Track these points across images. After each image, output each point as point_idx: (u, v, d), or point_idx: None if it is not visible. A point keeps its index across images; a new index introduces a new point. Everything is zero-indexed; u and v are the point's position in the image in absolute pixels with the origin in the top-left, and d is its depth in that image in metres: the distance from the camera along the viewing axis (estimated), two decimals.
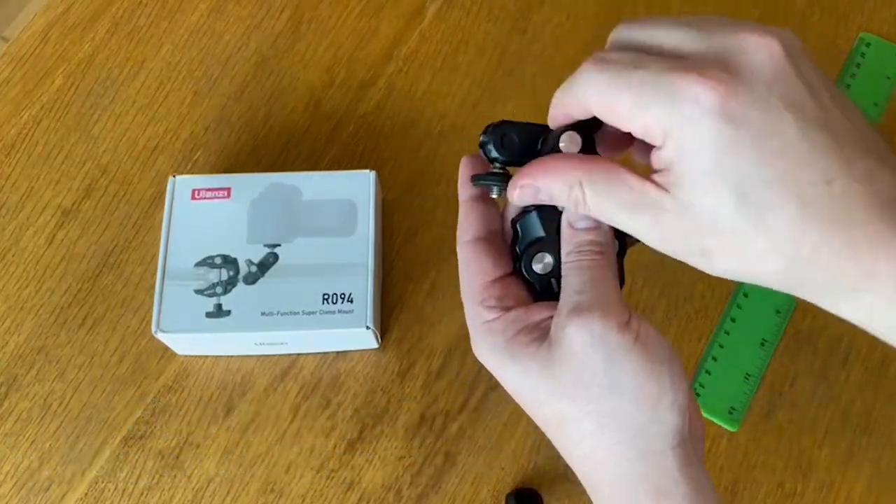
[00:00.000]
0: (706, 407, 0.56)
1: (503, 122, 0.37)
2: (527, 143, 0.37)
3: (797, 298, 0.32)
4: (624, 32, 0.34)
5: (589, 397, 0.33)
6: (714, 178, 0.30)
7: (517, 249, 0.38)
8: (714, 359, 0.57)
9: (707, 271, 0.32)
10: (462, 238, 0.38)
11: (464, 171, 0.38)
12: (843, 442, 0.55)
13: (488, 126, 0.37)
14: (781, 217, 0.29)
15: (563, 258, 0.36)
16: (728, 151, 0.29)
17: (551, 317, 0.35)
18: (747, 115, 0.29)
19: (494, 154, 0.37)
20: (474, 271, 0.37)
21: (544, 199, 0.35)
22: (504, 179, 0.37)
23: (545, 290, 0.37)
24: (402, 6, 0.69)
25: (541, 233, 0.37)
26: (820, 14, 0.68)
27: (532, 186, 0.35)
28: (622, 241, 0.37)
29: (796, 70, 0.30)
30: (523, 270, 0.37)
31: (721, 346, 0.57)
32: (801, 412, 0.56)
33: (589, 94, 0.32)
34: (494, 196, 0.38)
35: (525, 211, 0.37)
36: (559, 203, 0.35)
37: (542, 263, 0.37)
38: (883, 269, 0.29)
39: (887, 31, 0.67)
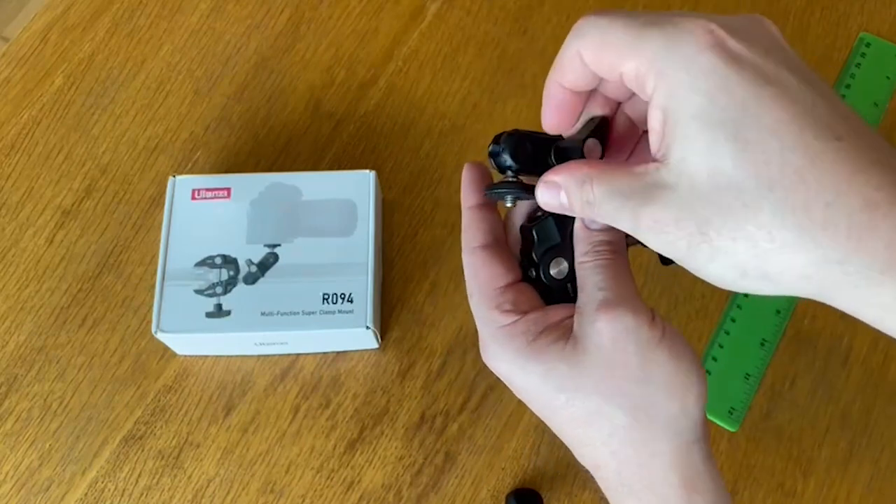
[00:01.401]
0: (706, 407, 0.56)
1: (515, 132, 0.37)
2: (538, 152, 0.37)
3: (797, 298, 0.32)
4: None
5: (621, 391, 0.33)
6: (708, 118, 0.27)
7: (533, 255, 0.38)
8: (714, 359, 0.57)
9: (704, 269, 0.30)
10: (469, 245, 0.37)
11: (467, 178, 0.38)
12: (843, 442, 0.55)
13: (499, 135, 0.37)
14: (786, 169, 0.26)
15: (579, 258, 0.36)
16: (724, 88, 0.27)
17: (570, 317, 0.35)
18: (745, 56, 0.28)
19: (509, 163, 0.36)
20: (486, 277, 0.36)
21: (564, 203, 0.34)
22: (519, 188, 0.36)
23: (560, 295, 0.37)
24: (402, 6, 0.69)
25: (557, 239, 0.37)
26: (820, 14, 0.68)
27: (553, 184, 0.34)
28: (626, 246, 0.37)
29: (790, 50, 0.30)
30: (541, 275, 0.37)
31: (721, 346, 0.57)
32: (801, 412, 0.56)
33: (588, 36, 0.31)
34: (508, 205, 0.38)
35: (541, 217, 0.37)
36: (574, 203, 0.33)
37: (558, 268, 0.37)
38: None
39: (887, 31, 0.67)
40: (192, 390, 0.57)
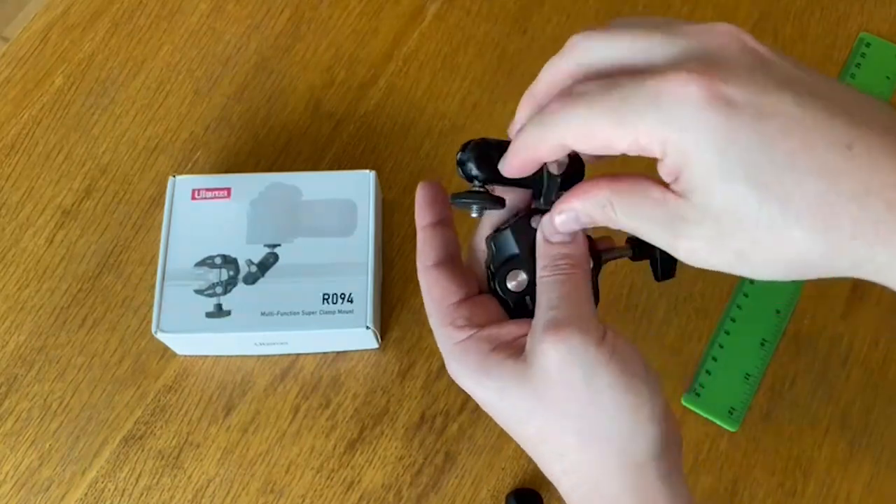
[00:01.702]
0: (706, 407, 0.56)
1: (482, 140, 0.36)
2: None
3: (797, 298, 0.32)
4: (583, 46, 0.33)
5: (569, 413, 0.33)
6: (724, 173, 0.28)
7: (491, 268, 0.37)
8: (714, 359, 0.57)
9: (752, 276, 0.30)
10: (423, 264, 0.37)
11: (421, 197, 0.38)
12: (843, 442, 0.55)
13: (466, 144, 0.37)
14: (808, 196, 0.27)
15: (539, 273, 0.35)
16: (731, 140, 0.28)
17: (526, 334, 0.35)
18: (740, 99, 0.28)
19: (475, 172, 0.36)
20: (439, 295, 0.37)
21: (585, 223, 0.34)
22: (485, 198, 0.36)
23: (519, 308, 0.37)
24: (402, 6, 0.69)
25: (515, 250, 0.37)
26: (820, 14, 0.68)
27: (572, 210, 0.34)
28: (597, 258, 0.37)
29: (769, 52, 0.30)
30: (497, 288, 0.37)
31: (721, 346, 0.57)
32: (801, 412, 0.56)
33: (567, 130, 0.31)
34: (474, 215, 0.37)
35: (499, 229, 0.37)
36: (598, 222, 0.34)
37: (516, 281, 0.37)
38: None
39: (887, 31, 0.67)
40: (192, 390, 0.57)
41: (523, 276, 0.36)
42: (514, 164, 0.34)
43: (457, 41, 0.68)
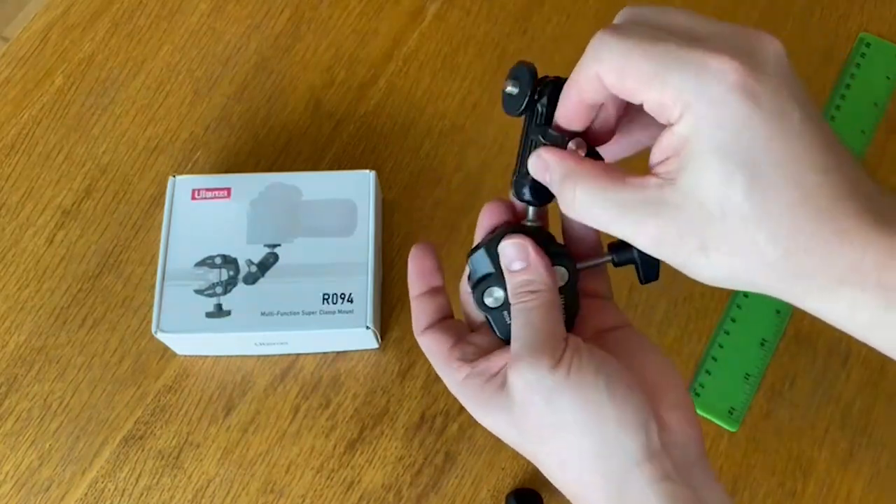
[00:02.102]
0: (706, 407, 0.56)
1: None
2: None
3: None
4: (634, 12, 0.34)
5: (542, 438, 0.35)
6: (728, 155, 0.30)
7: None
8: (714, 359, 0.57)
9: (697, 274, 0.32)
10: (418, 330, 0.40)
11: (412, 266, 0.41)
12: (843, 442, 0.55)
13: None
14: (782, 202, 0.30)
15: (510, 301, 0.37)
16: (746, 126, 0.29)
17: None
18: (764, 95, 0.30)
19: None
20: (437, 350, 0.39)
21: (547, 180, 0.35)
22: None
23: (501, 325, 0.38)
24: (402, 6, 0.69)
25: (490, 269, 0.38)
26: (820, 14, 0.68)
27: (542, 161, 0.35)
28: (572, 269, 0.38)
29: (793, 71, 0.31)
30: (477, 306, 0.38)
31: (721, 346, 0.57)
32: (801, 412, 0.56)
33: (607, 60, 0.32)
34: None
35: (475, 248, 0.39)
36: (555, 190, 0.35)
37: (492, 297, 0.38)
38: (869, 260, 0.30)
39: (887, 31, 0.67)
40: (192, 390, 0.57)
41: (499, 293, 0.38)
42: (566, 106, 0.35)
43: (457, 41, 0.68)
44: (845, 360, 0.57)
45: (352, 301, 0.54)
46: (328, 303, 0.54)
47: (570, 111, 0.36)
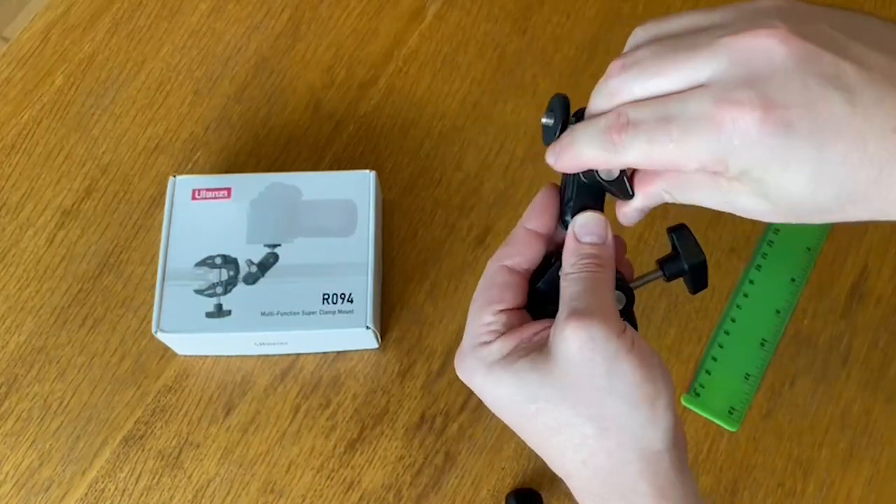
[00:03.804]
0: (706, 407, 0.56)
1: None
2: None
3: (797, 298, 0.33)
4: (642, 34, 0.35)
5: (589, 401, 0.33)
6: (784, 178, 0.30)
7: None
8: (714, 359, 0.57)
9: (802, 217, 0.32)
10: (503, 260, 0.38)
11: (541, 201, 0.38)
12: (843, 442, 0.55)
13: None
14: (860, 184, 0.30)
15: (565, 270, 0.36)
16: (790, 156, 0.30)
17: (545, 328, 0.36)
18: (795, 118, 0.29)
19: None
20: (495, 297, 0.37)
21: (647, 211, 0.37)
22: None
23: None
24: (402, 6, 0.69)
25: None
26: None
27: (635, 211, 0.37)
28: (629, 292, 0.38)
29: (813, 36, 0.30)
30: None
31: (721, 346, 0.57)
32: (801, 412, 0.56)
33: (634, 157, 0.33)
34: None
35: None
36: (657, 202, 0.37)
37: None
38: None
39: None
40: (192, 390, 0.57)
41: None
42: (568, 164, 0.36)
43: (457, 41, 0.68)
44: (845, 361, 0.57)
45: (352, 301, 0.54)
46: (328, 303, 0.54)
47: (569, 168, 0.36)
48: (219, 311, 0.54)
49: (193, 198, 0.57)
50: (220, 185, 0.58)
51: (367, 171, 0.58)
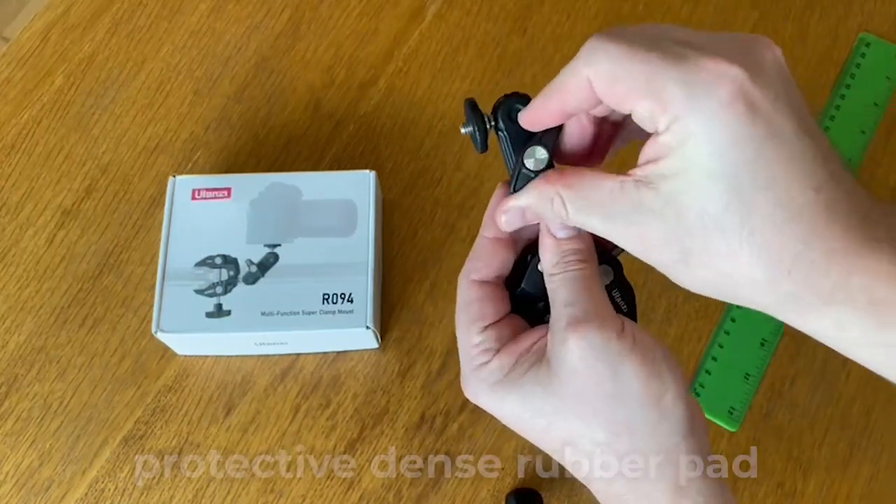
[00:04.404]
0: (706, 407, 0.56)
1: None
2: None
3: None
4: (629, 28, 0.33)
5: (597, 409, 0.33)
6: (713, 169, 0.29)
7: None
8: (714, 359, 0.57)
9: (681, 281, 0.31)
10: (471, 275, 0.37)
11: (494, 206, 0.37)
12: (843, 442, 0.55)
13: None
14: (768, 223, 0.29)
15: (549, 270, 0.35)
16: (736, 144, 0.29)
17: (542, 337, 0.35)
18: (761, 107, 0.29)
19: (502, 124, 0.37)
20: (475, 315, 0.36)
21: (531, 219, 0.35)
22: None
23: (532, 308, 0.37)
24: (402, 6, 0.69)
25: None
26: (820, 14, 0.68)
27: (516, 209, 0.35)
28: (616, 264, 0.37)
29: (789, 75, 0.31)
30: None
31: (721, 346, 0.57)
32: (801, 412, 0.56)
33: (599, 65, 0.30)
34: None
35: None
36: (547, 218, 0.35)
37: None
38: (856, 281, 0.29)
39: (887, 31, 0.67)
40: (192, 390, 0.57)
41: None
42: (544, 110, 0.35)
43: (457, 41, 0.68)
44: (845, 360, 0.57)
45: (352, 301, 0.54)
46: (328, 303, 0.54)
47: (544, 116, 0.35)
48: (219, 311, 0.54)
49: (193, 198, 0.57)
50: (220, 185, 0.58)
51: (367, 171, 0.58)
